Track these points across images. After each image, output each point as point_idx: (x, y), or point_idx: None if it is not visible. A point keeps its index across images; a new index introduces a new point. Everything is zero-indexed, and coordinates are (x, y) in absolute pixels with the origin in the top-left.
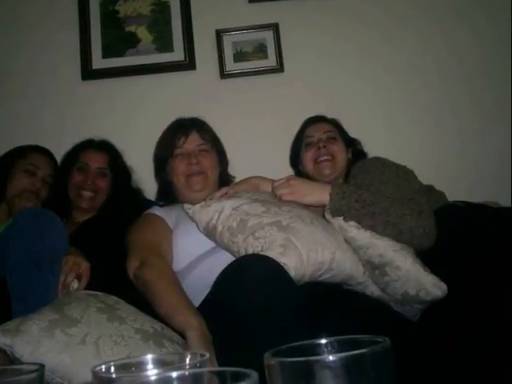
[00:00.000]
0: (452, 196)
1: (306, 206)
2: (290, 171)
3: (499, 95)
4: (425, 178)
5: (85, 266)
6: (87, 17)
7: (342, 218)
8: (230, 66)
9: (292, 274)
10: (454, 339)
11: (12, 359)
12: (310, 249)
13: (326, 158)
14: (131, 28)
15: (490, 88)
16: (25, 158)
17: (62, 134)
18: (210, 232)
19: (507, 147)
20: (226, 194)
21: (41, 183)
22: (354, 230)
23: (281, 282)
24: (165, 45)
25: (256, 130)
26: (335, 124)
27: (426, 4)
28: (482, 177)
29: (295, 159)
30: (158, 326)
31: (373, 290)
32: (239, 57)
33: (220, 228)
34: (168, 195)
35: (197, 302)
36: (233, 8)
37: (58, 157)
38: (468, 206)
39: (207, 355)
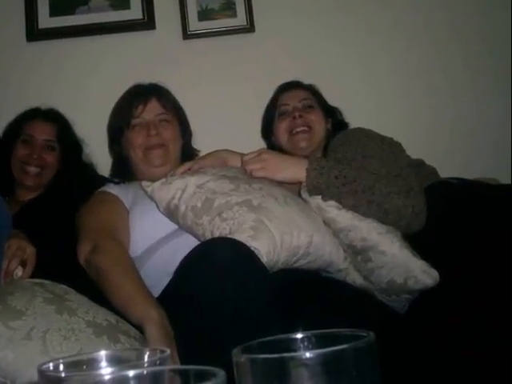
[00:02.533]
0: (444, 172)
1: (280, 184)
2: (261, 144)
3: (498, 58)
4: (414, 151)
5: (30, 250)
6: None
7: (320, 196)
8: (194, 25)
9: (264, 259)
10: (446, 333)
11: None
12: (285, 231)
13: (302, 129)
14: None
15: (488, 50)
16: None
17: (4, 103)
18: (171, 212)
19: (507, 117)
20: (189, 169)
21: None
22: (333, 211)
23: (251, 269)
24: (120, 1)
25: (223, 98)
26: (313, 91)
27: None
28: (478, 150)
29: (267, 130)
30: (112, 318)
31: (355, 278)
32: (204, 15)
33: (183, 208)
34: (124, 171)
35: (156, 292)
36: None
37: None
38: (463, 183)
39: (168, 352)
